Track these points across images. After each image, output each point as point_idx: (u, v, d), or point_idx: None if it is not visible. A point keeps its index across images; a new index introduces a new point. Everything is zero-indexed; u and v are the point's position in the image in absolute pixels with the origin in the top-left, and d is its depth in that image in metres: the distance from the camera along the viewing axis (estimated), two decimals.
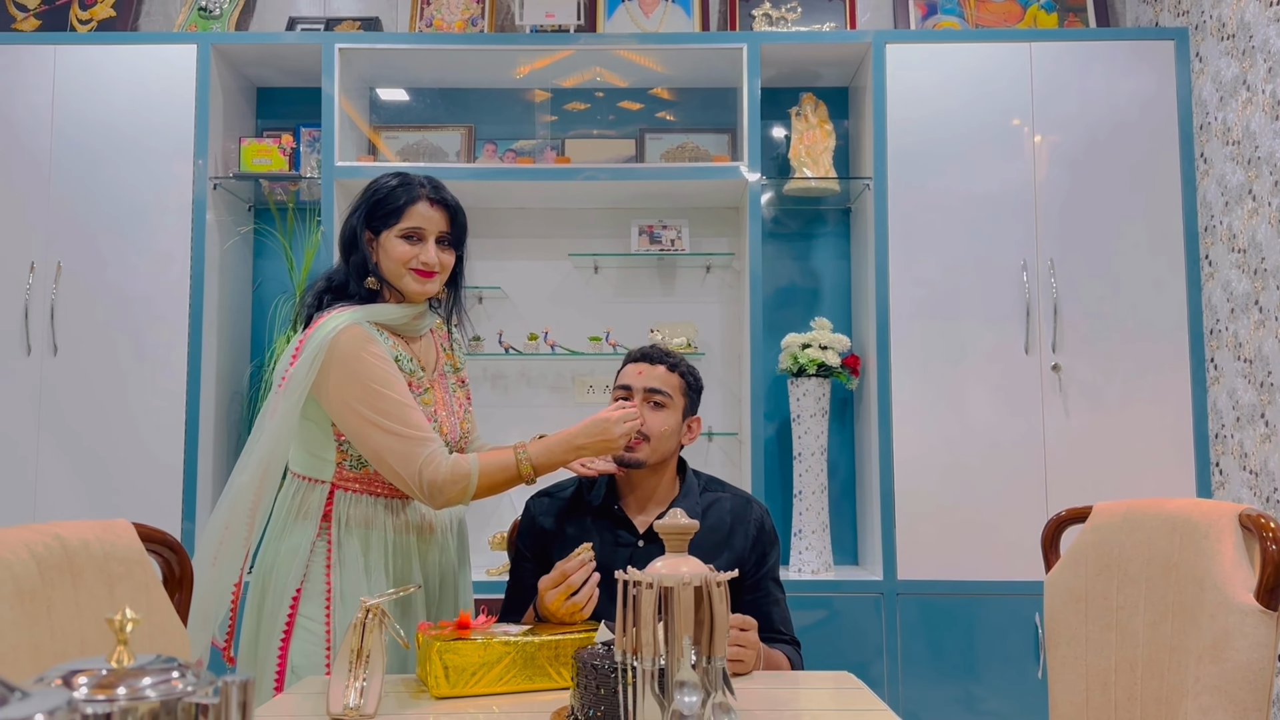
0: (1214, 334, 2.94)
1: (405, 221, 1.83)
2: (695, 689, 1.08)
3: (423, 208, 1.83)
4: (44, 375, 3.00)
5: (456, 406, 1.92)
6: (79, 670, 0.58)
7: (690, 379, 1.95)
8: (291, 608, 1.75)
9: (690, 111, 3.48)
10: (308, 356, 1.75)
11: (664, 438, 1.88)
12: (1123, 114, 3.06)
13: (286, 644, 1.74)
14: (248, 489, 1.75)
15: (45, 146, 3.06)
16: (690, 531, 1.16)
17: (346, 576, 1.77)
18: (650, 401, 1.89)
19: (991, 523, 2.94)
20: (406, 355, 1.83)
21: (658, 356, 1.94)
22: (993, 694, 2.88)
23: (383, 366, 1.75)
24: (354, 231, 1.85)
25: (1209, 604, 1.55)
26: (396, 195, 1.83)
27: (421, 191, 1.84)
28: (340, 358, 1.74)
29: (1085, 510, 1.84)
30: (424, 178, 1.87)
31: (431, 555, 1.89)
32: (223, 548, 1.74)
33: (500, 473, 1.77)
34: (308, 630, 1.74)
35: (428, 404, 1.82)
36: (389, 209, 1.83)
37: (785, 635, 1.92)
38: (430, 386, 1.85)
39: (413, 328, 1.88)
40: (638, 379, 1.91)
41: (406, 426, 1.73)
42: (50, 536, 1.18)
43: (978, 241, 3.04)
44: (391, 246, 1.83)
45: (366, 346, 1.75)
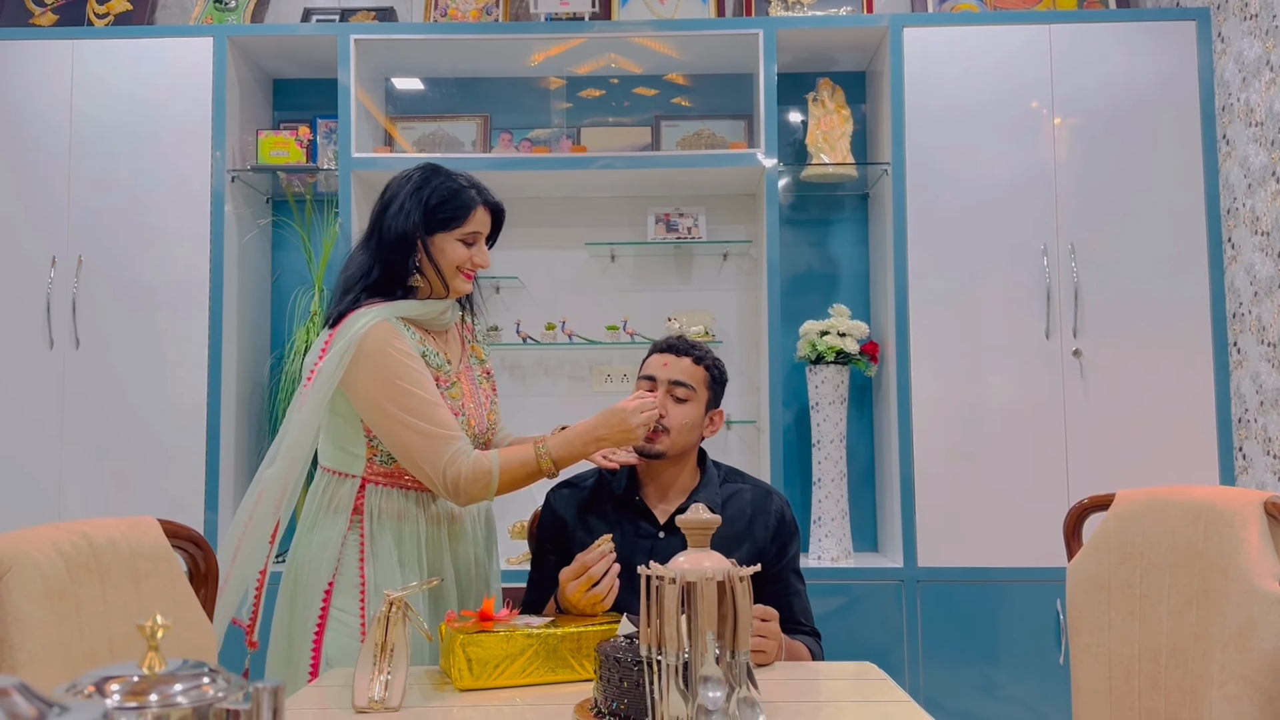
0: (1237, 318, 2.92)
1: (468, 226, 1.86)
2: (719, 683, 1.08)
3: (480, 213, 1.88)
4: (66, 369, 3.03)
5: (483, 398, 1.94)
6: (111, 677, 0.59)
7: (715, 372, 1.95)
8: (324, 601, 1.77)
9: (706, 98, 3.46)
10: (337, 352, 1.77)
11: (685, 430, 1.89)
12: (1143, 96, 3.02)
13: (320, 637, 1.76)
14: (275, 481, 1.77)
15: (64, 141, 3.08)
16: (712, 527, 1.17)
17: (380, 569, 1.79)
18: (673, 395, 1.89)
19: (1012, 509, 2.93)
20: (433, 350, 1.85)
21: (683, 348, 1.93)
22: (1013, 681, 2.88)
23: (410, 364, 1.77)
24: (411, 230, 1.84)
25: (1234, 592, 1.54)
26: (460, 200, 1.86)
27: (479, 197, 1.88)
28: (369, 354, 1.75)
29: (1108, 498, 1.84)
30: (467, 178, 1.90)
31: (462, 546, 1.91)
32: (245, 539, 1.76)
33: (521, 468, 1.78)
34: (341, 623, 1.76)
35: (455, 397, 1.84)
36: (452, 213, 1.85)
37: (806, 626, 1.92)
38: (457, 379, 1.87)
39: (439, 322, 1.90)
40: (662, 370, 1.91)
41: (432, 424, 1.74)
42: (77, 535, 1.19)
43: (997, 226, 3.01)
44: (451, 249, 1.86)
45: (394, 344, 1.77)
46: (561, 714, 1.40)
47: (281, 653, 1.81)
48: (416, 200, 1.86)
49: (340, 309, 1.85)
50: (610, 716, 1.34)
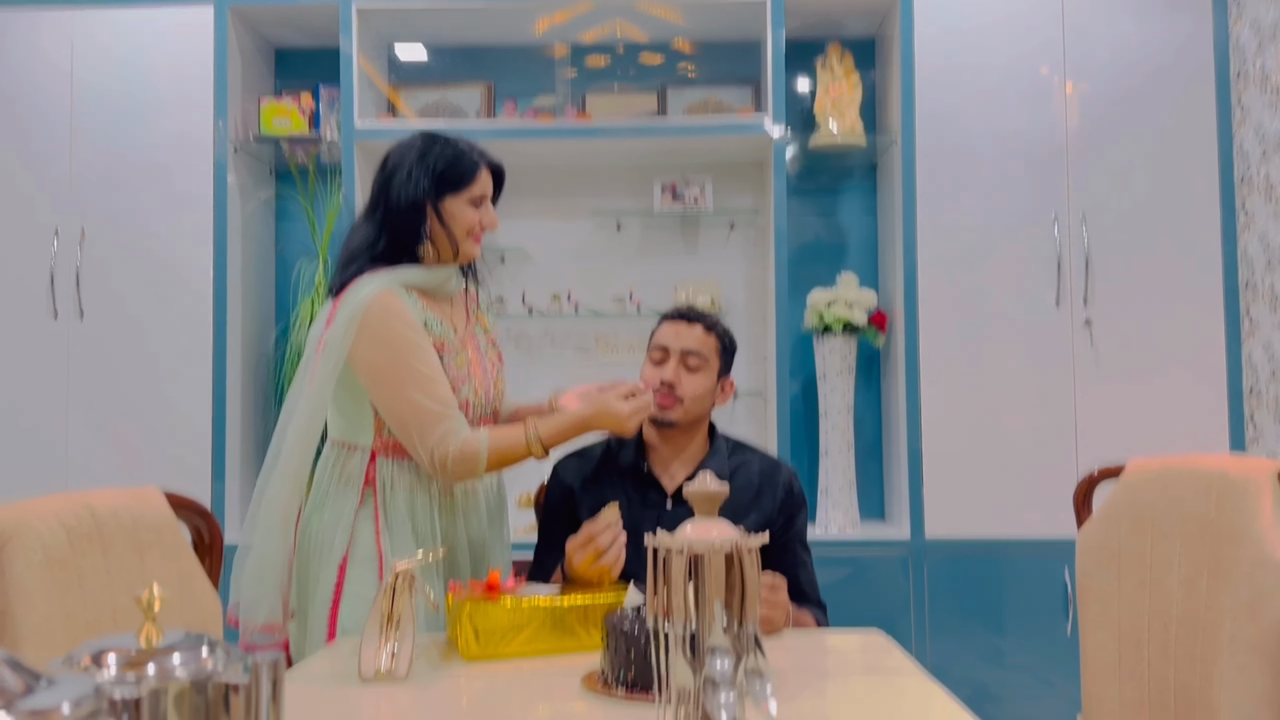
0: (1249, 287, 2.88)
1: (474, 188, 1.86)
2: (727, 653, 1.07)
3: (484, 174, 1.88)
4: (71, 340, 3.02)
5: (489, 366, 1.93)
6: (107, 648, 0.58)
7: (726, 340, 1.95)
8: (339, 574, 1.77)
9: (713, 65, 3.42)
10: (342, 321, 1.76)
11: (698, 400, 1.88)
12: (1157, 61, 2.98)
13: (335, 609, 1.76)
14: (294, 455, 1.77)
15: (65, 112, 3.05)
16: (720, 497, 1.15)
17: (396, 539, 1.78)
18: (686, 364, 1.88)
19: (1020, 479, 2.92)
20: (436, 318, 1.83)
21: (694, 316, 1.93)
22: (1021, 651, 2.88)
23: (412, 336, 1.76)
24: (421, 196, 1.83)
25: (1246, 562, 1.53)
26: (466, 163, 1.86)
27: (482, 159, 1.88)
28: (370, 323, 1.74)
29: (1119, 467, 1.82)
30: (466, 142, 1.90)
31: (475, 517, 1.91)
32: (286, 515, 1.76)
33: (510, 449, 1.79)
34: (358, 595, 1.75)
35: (460, 365, 1.83)
36: (459, 175, 1.85)
37: (812, 598, 1.92)
38: (462, 347, 1.85)
39: (444, 289, 1.89)
40: (674, 340, 1.90)
41: (429, 398, 1.74)
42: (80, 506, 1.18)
43: (1008, 194, 2.98)
44: (460, 212, 1.85)
45: (397, 313, 1.76)
46: (568, 684, 1.40)
47: (297, 626, 1.81)
48: (423, 167, 1.84)
49: (343, 278, 1.84)
50: (618, 686, 1.34)
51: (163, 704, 0.55)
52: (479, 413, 1.86)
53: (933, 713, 1.28)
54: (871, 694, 1.36)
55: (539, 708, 1.31)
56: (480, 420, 1.89)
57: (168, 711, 0.55)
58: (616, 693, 1.32)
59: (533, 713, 1.29)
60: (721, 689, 1.05)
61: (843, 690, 1.41)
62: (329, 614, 1.76)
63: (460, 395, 1.81)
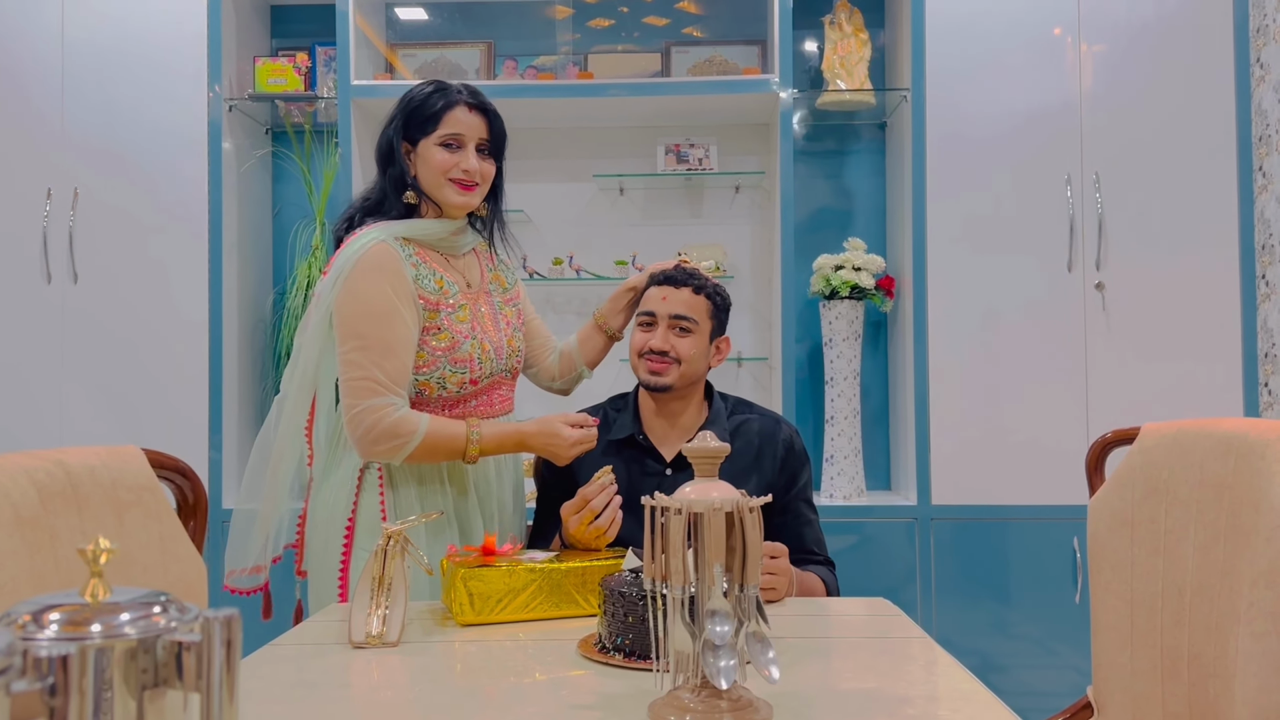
0: (1266, 249, 2.82)
1: (444, 128, 1.76)
2: (727, 618, 1.03)
3: (461, 113, 1.77)
4: (65, 303, 2.97)
5: (504, 324, 1.87)
6: (54, 605, 0.53)
7: (717, 299, 1.88)
8: (347, 536, 1.74)
9: (718, 23, 3.34)
10: (334, 272, 1.73)
11: (692, 361, 1.82)
12: (1173, 17, 2.89)
13: (346, 572, 1.73)
14: (300, 407, 1.76)
15: (56, 70, 2.99)
16: (720, 455, 1.10)
17: (402, 505, 1.75)
18: (675, 328, 1.82)
19: (1029, 446, 2.87)
20: (434, 272, 1.77)
21: (681, 279, 1.86)
22: (1027, 619, 2.84)
23: (390, 298, 1.70)
24: (390, 142, 1.78)
25: (1265, 527, 1.48)
26: (433, 101, 1.77)
27: (459, 97, 1.78)
28: (355, 276, 1.70)
29: (1132, 432, 1.77)
30: (461, 84, 1.81)
31: (485, 483, 1.85)
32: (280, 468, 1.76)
33: (447, 443, 1.72)
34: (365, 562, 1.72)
35: (463, 320, 1.77)
36: (426, 115, 1.76)
37: (819, 556, 1.88)
38: (465, 304, 1.79)
39: (451, 244, 1.83)
40: (661, 305, 1.84)
41: (377, 368, 1.68)
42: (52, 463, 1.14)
43: (1020, 155, 2.91)
44: (430, 155, 1.76)
45: (386, 270, 1.70)
46: (565, 649, 1.36)
47: (313, 592, 1.78)
48: (399, 108, 1.80)
49: (340, 231, 1.81)
50: (615, 652, 1.30)
51: (107, 664, 0.50)
52: (490, 369, 1.80)
53: (939, 681, 1.24)
54: (877, 661, 1.32)
55: (534, 674, 1.27)
56: (495, 379, 1.83)
57: (112, 672, 0.50)
58: (614, 658, 1.28)
59: (528, 679, 1.25)
60: (721, 654, 1.01)
61: (847, 657, 1.36)
62: (339, 580, 1.73)
63: (461, 351, 1.76)
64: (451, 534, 1.78)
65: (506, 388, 1.89)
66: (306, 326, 1.78)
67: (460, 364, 1.76)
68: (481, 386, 1.80)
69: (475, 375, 1.78)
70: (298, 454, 1.80)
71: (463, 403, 1.79)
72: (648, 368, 1.83)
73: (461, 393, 1.78)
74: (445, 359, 1.75)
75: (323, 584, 1.76)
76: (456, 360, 1.75)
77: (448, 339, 1.75)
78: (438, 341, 1.74)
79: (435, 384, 1.75)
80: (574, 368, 2.02)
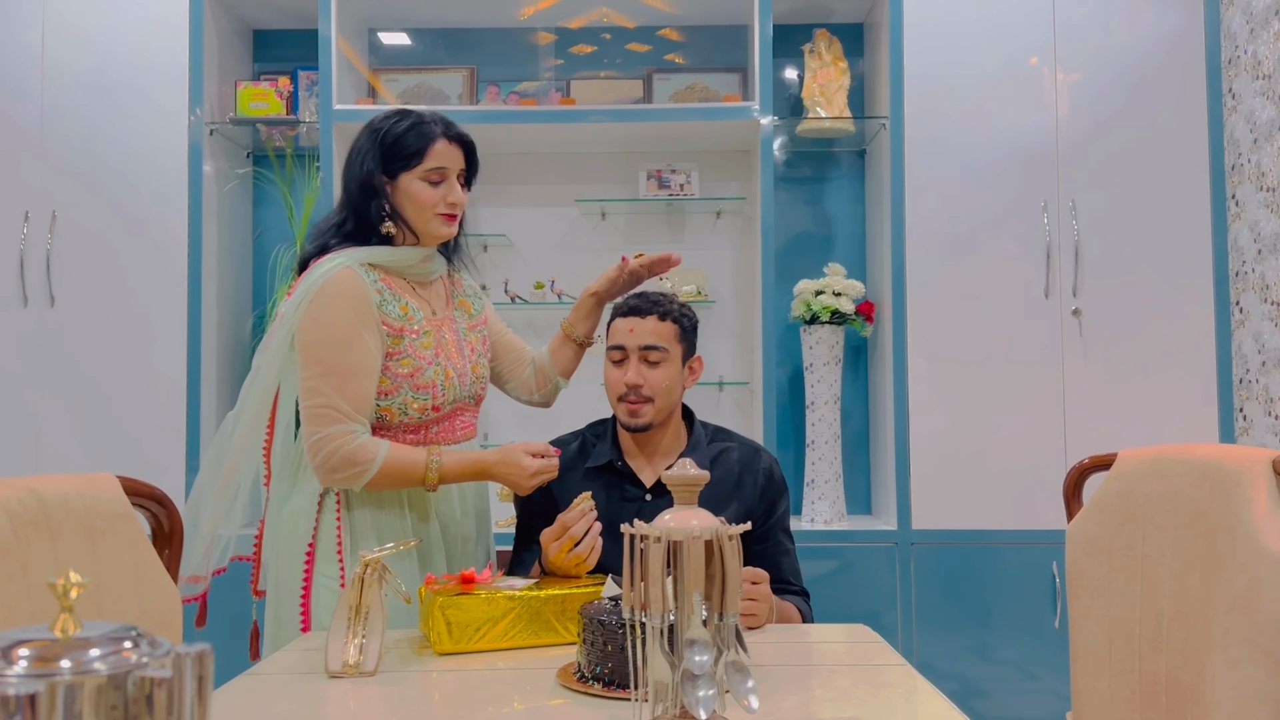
0: (1240, 276, 2.85)
1: (429, 162, 1.75)
2: (707, 646, 1.03)
3: (442, 146, 1.76)
4: (42, 327, 2.95)
5: (469, 350, 1.86)
6: (22, 640, 0.53)
7: (684, 322, 1.86)
8: (307, 564, 1.73)
9: (699, 51, 3.37)
10: (298, 295, 1.72)
11: (666, 393, 1.81)
12: (1148, 49, 2.94)
13: (307, 600, 1.72)
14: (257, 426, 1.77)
15: (36, 92, 2.98)
16: (700, 483, 1.10)
17: (359, 531, 1.74)
18: (646, 359, 1.81)
19: (1008, 471, 2.88)
20: (398, 298, 1.76)
21: (645, 308, 1.83)
22: (1008, 644, 2.84)
23: (353, 324, 1.69)
24: (368, 176, 1.76)
25: (1240, 553, 1.49)
26: (412, 136, 1.75)
27: (438, 130, 1.77)
28: (319, 301, 1.70)
29: (1110, 458, 1.78)
30: (431, 113, 1.80)
31: (448, 510, 1.84)
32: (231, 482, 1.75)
33: (406, 470, 1.71)
34: (326, 588, 1.71)
35: (427, 347, 1.77)
36: (408, 151, 1.75)
37: (795, 586, 1.87)
38: (430, 330, 1.79)
39: (422, 271, 1.82)
40: (629, 337, 1.82)
41: (338, 395, 1.67)
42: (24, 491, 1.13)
43: (997, 183, 2.94)
44: (416, 190, 1.76)
45: (350, 295, 1.70)
46: (544, 678, 1.35)
47: (274, 616, 1.76)
48: (373, 142, 1.77)
49: (305, 254, 1.80)
50: (594, 681, 1.29)
51: (77, 701, 0.50)
52: (453, 396, 1.80)
53: (919, 708, 1.24)
54: (856, 689, 1.32)
55: (513, 703, 1.26)
56: (458, 405, 1.83)
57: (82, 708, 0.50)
58: (593, 688, 1.28)
59: (506, 708, 1.24)
60: (700, 684, 1.01)
61: (827, 685, 1.36)
62: (300, 605, 1.72)
63: (424, 377, 1.75)
64: (410, 562, 1.77)
65: (469, 414, 1.89)
66: (268, 345, 1.77)
67: (423, 390, 1.75)
68: (444, 413, 1.80)
69: (438, 401, 1.77)
70: (253, 473, 1.79)
71: (424, 428, 1.78)
72: (626, 410, 1.82)
73: (423, 419, 1.77)
74: (408, 385, 1.74)
75: (282, 608, 1.75)
76: (419, 386, 1.75)
77: (410, 365, 1.74)
78: (400, 367, 1.74)
79: (397, 409, 1.75)
80: (549, 380, 2.02)
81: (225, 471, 1.76)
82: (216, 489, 1.76)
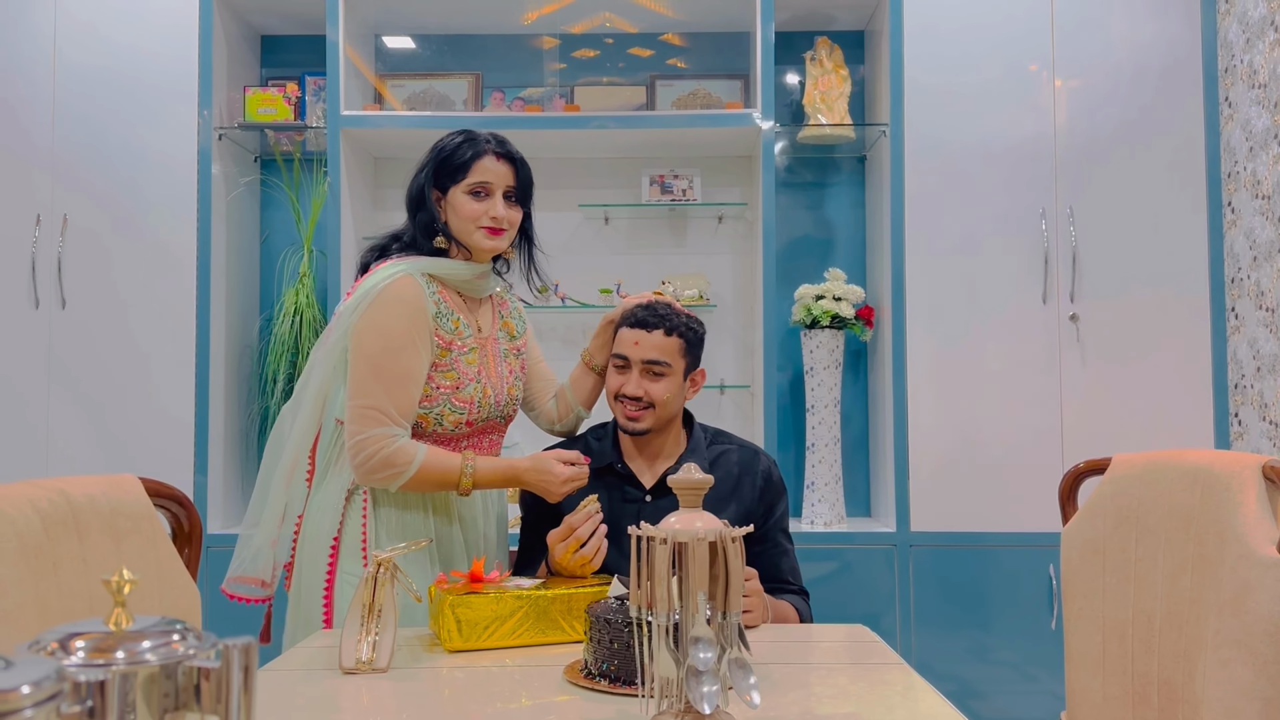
0: (1235, 282, 2.89)
1: (472, 177, 1.81)
2: (710, 644, 1.06)
3: (489, 162, 1.82)
4: (53, 329, 2.99)
5: (507, 372, 1.91)
6: (76, 634, 0.57)
7: (690, 336, 1.88)
8: (331, 558, 1.77)
9: (702, 57, 3.41)
10: (357, 296, 1.78)
11: (667, 404, 1.84)
12: (1146, 58, 2.98)
13: (330, 593, 1.76)
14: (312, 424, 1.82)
15: (47, 97, 3.02)
16: (704, 486, 1.14)
17: (383, 528, 1.78)
18: (649, 373, 1.84)
19: (1006, 474, 2.92)
20: (452, 312, 1.82)
21: (653, 322, 1.85)
22: (1005, 645, 2.88)
23: (410, 332, 1.75)
24: (421, 190, 1.85)
25: (1230, 556, 1.53)
26: (462, 151, 1.82)
27: (487, 146, 1.83)
28: (378, 305, 1.75)
29: (1104, 462, 1.82)
30: (489, 133, 1.87)
31: (470, 510, 1.89)
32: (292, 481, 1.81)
33: (442, 475, 1.76)
34: (349, 584, 1.75)
35: (471, 363, 1.82)
36: (455, 165, 1.82)
37: (794, 585, 1.91)
38: (476, 347, 1.84)
39: (475, 288, 1.88)
40: (634, 350, 1.84)
41: (386, 397, 1.72)
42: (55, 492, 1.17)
43: (996, 189, 2.98)
44: (460, 203, 1.82)
45: (408, 302, 1.75)
46: (551, 675, 1.39)
47: (296, 609, 1.81)
48: (431, 157, 1.86)
49: (366, 259, 1.88)
50: (600, 678, 1.33)
51: (131, 689, 0.53)
52: (487, 414, 1.85)
53: (917, 707, 1.28)
54: (855, 687, 1.36)
55: (521, 699, 1.30)
56: (490, 424, 1.88)
57: (136, 697, 0.54)
58: (599, 684, 1.32)
59: (514, 704, 1.28)
60: (705, 680, 1.05)
61: (826, 684, 1.40)
62: (324, 599, 1.76)
63: (464, 393, 1.80)
64: (432, 562, 1.81)
65: (498, 433, 1.94)
66: (324, 342, 1.83)
67: (461, 405, 1.80)
68: (475, 429, 1.85)
69: (473, 417, 1.82)
70: (303, 471, 1.85)
71: (454, 441, 1.83)
72: (624, 413, 1.85)
73: (455, 432, 1.82)
74: (448, 398, 1.79)
75: (305, 602, 1.79)
76: (458, 400, 1.80)
77: (454, 378, 1.79)
78: (444, 379, 1.79)
79: (433, 419, 1.80)
80: (571, 409, 2.06)
81: (285, 468, 1.82)
82: (277, 486, 1.81)
